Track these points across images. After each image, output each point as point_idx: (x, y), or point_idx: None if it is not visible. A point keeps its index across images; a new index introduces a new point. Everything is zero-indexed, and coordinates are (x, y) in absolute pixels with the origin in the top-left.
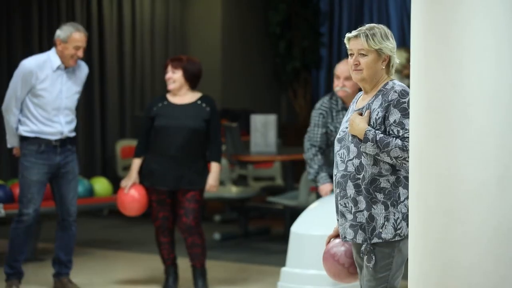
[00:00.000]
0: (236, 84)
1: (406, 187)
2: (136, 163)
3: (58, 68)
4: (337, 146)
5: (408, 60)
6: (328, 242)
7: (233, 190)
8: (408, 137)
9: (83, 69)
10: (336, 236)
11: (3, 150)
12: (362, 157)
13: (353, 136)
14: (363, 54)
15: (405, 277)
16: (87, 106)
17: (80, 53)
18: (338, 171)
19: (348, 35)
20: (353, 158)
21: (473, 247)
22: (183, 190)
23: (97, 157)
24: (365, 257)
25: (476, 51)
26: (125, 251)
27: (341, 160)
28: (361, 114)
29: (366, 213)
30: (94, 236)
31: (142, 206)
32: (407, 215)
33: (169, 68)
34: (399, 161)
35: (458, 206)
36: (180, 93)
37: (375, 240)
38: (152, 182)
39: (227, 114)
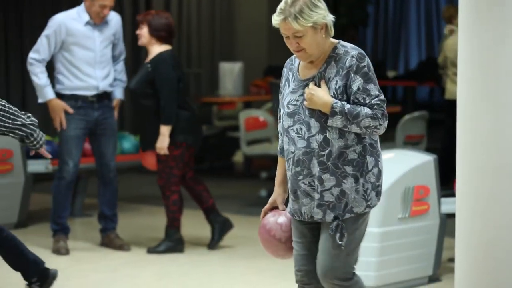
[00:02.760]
0: (282, 40)
1: (372, 154)
2: None
3: (88, 23)
4: (288, 121)
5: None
6: (263, 216)
7: None
8: (377, 103)
9: (116, 20)
10: (272, 209)
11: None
12: (327, 131)
13: (311, 109)
14: (298, 36)
15: (451, 234)
16: (134, 64)
17: (106, 11)
18: (296, 148)
19: (273, 21)
20: (315, 134)
21: None
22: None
23: None
24: (337, 235)
25: None
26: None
27: (298, 137)
28: (307, 85)
29: (336, 190)
30: (141, 192)
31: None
32: (376, 184)
33: (139, 24)
34: (369, 130)
35: (507, 163)
36: (149, 50)
37: (347, 215)
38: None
39: (274, 71)
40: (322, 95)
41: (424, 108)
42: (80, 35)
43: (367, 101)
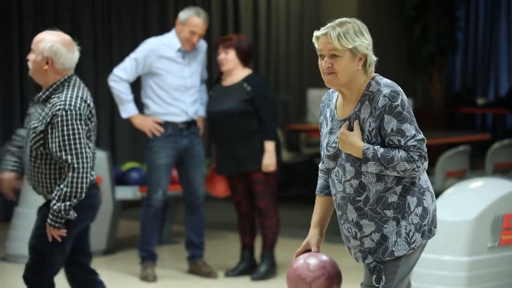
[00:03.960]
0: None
1: (414, 194)
2: None
3: (179, 50)
4: (329, 164)
5: None
6: (296, 257)
7: None
8: (413, 145)
9: (202, 46)
10: (306, 251)
11: (139, 132)
12: (362, 176)
13: (347, 153)
14: (335, 55)
15: None
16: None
17: (195, 39)
18: (336, 192)
19: (316, 33)
20: (350, 179)
21: None
22: (250, 173)
23: None
24: (374, 277)
25: None
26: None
27: (337, 180)
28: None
29: (377, 235)
30: (227, 219)
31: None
32: (420, 224)
33: (221, 49)
34: (407, 173)
35: None
36: (232, 73)
37: (387, 258)
38: (217, 169)
39: None
40: (353, 140)
41: None
42: (171, 62)
43: (402, 143)
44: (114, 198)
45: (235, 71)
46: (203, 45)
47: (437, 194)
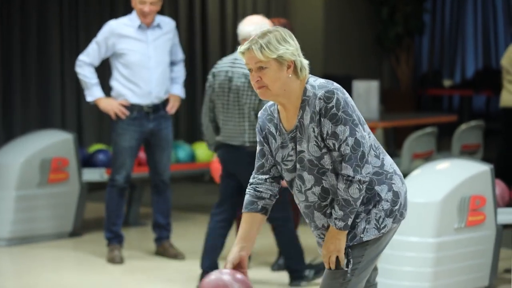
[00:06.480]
0: (339, 50)
1: (380, 182)
2: None
3: (140, 27)
4: (288, 176)
5: None
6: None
7: None
8: (345, 154)
9: (169, 24)
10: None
11: (105, 115)
12: (323, 181)
13: (302, 163)
14: (261, 67)
15: (507, 245)
16: (188, 72)
17: (146, 8)
18: (299, 201)
19: (239, 49)
20: (311, 187)
21: None
22: None
23: (199, 122)
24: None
25: None
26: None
27: (297, 190)
28: (294, 137)
29: (351, 231)
30: (195, 201)
31: None
32: (391, 210)
33: None
34: (363, 187)
35: None
36: None
37: (355, 243)
38: None
39: (329, 79)
40: (337, 245)
41: (480, 117)
42: (133, 40)
43: (336, 147)
44: (81, 180)
45: None
46: (169, 22)
47: (404, 175)
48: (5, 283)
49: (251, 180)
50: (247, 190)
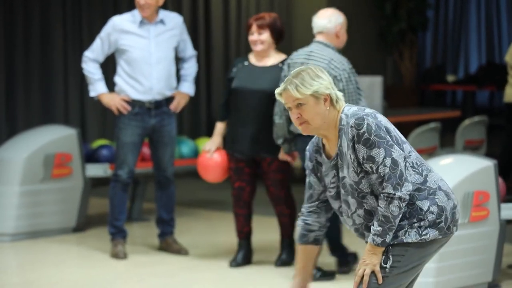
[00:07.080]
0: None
1: (421, 197)
2: (219, 126)
3: (142, 22)
4: (334, 204)
5: None
6: None
7: None
8: (384, 174)
9: (175, 19)
10: None
11: (108, 111)
12: (364, 204)
13: (345, 188)
14: (300, 104)
15: (511, 240)
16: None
17: (142, 0)
18: (349, 226)
19: (276, 91)
20: (356, 210)
21: None
22: (267, 159)
23: (203, 118)
24: (382, 257)
25: None
26: (229, 211)
27: (346, 215)
28: (336, 164)
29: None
30: (198, 197)
31: (224, 173)
32: (434, 221)
33: (254, 29)
34: (403, 204)
35: None
36: (265, 54)
37: (395, 243)
38: (231, 148)
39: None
40: (374, 260)
41: (484, 112)
42: (135, 36)
43: (374, 169)
44: (84, 176)
45: (269, 52)
46: (175, 18)
47: None
48: (10, 278)
49: (302, 210)
50: (297, 221)
